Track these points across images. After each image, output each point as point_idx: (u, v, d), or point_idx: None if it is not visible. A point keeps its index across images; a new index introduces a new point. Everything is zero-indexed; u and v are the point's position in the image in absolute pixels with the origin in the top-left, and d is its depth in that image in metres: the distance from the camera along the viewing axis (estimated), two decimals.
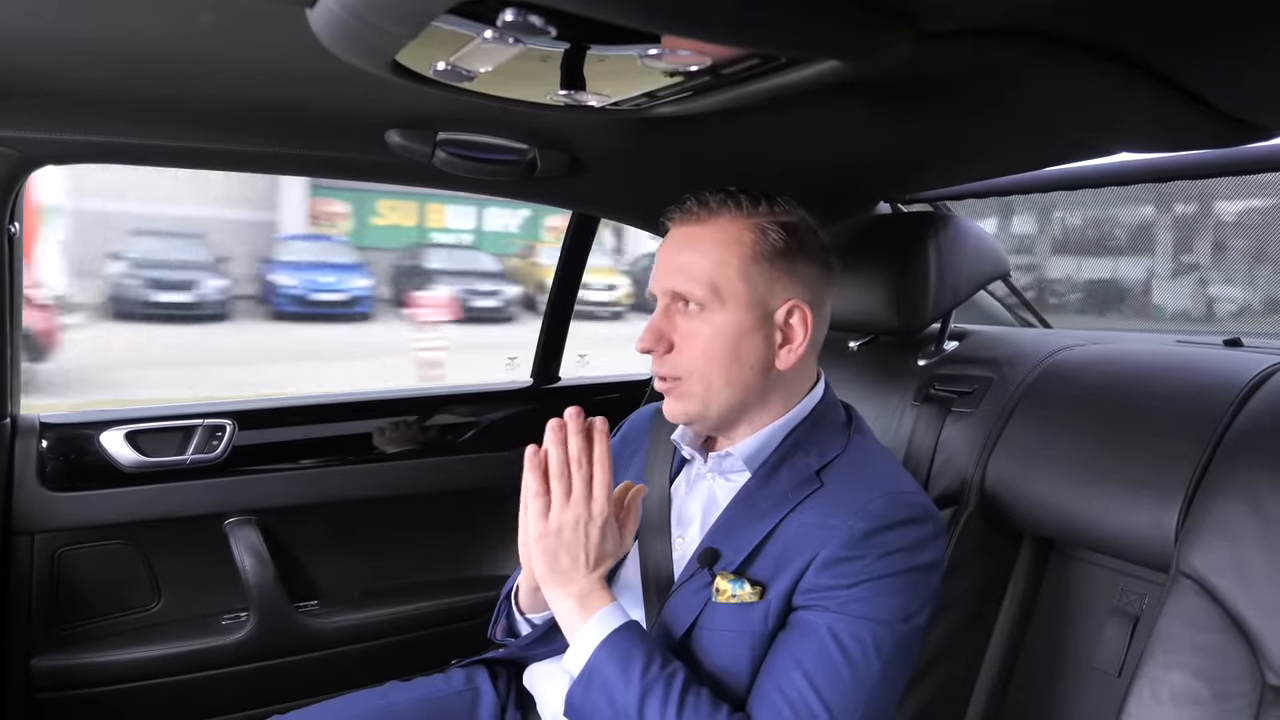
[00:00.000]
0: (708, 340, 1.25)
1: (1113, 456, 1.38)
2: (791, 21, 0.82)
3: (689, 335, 1.26)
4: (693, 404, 1.27)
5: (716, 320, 1.24)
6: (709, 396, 1.26)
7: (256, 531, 2.07)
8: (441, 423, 2.33)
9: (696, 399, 1.27)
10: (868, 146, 1.59)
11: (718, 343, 1.24)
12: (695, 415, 1.28)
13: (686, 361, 1.26)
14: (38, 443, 1.87)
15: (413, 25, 0.84)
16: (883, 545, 1.15)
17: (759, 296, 1.25)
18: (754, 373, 1.27)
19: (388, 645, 2.18)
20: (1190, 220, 4.04)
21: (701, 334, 1.25)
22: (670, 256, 1.29)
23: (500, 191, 1.95)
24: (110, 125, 1.52)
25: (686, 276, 1.25)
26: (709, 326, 1.24)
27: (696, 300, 1.24)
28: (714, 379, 1.25)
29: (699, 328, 1.25)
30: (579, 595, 1.18)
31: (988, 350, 1.76)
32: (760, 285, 1.25)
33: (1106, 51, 0.97)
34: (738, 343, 1.25)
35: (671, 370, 1.27)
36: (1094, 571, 1.47)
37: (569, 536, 1.18)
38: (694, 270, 1.25)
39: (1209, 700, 1.09)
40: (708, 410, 1.27)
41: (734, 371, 1.25)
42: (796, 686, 1.09)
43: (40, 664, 1.88)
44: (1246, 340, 1.57)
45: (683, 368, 1.26)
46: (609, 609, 1.17)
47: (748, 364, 1.26)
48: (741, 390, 1.27)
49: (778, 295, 1.26)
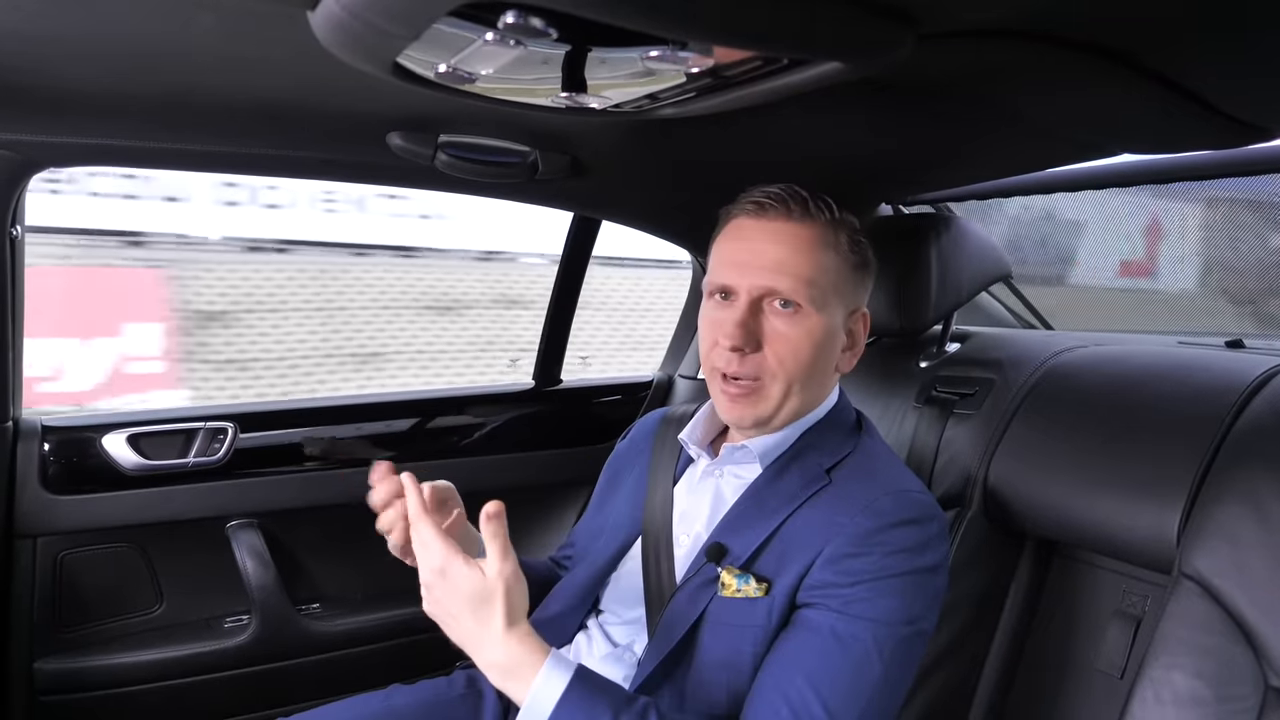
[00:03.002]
0: (798, 342, 1.22)
1: (1115, 458, 1.38)
2: (792, 23, 0.82)
3: (779, 337, 1.23)
4: (766, 406, 1.25)
5: (810, 323, 1.22)
6: (785, 399, 1.25)
7: (258, 534, 2.07)
8: (443, 425, 2.33)
9: (772, 402, 1.25)
10: (869, 148, 1.59)
11: (807, 346, 1.23)
12: (764, 418, 1.26)
13: (773, 363, 1.23)
14: (40, 446, 1.87)
15: (414, 27, 0.83)
16: (888, 544, 1.14)
17: (845, 302, 1.27)
18: (827, 377, 1.28)
19: (390, 648, 2.18)
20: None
21: (792, 336, 1.22)
22: (761, 250, 1.24)
23: (502, 194, 1.95)
24: (112, 127, 1.52)
25: (787, 274, 1.21)
26: (799, 328, 1.22)
27: (795, 300, 1.21)
28: (795, 382, 1.24)
29: (789, 330, 1.22)
30: (506, 660, 1.06)
31: (990, 352, 1.75)
32: (847, 292, 1.26)
33: (1107, 53, 0.97)
34: (824, 348, 1.24)
35: (753, 371, 1.23)
36: (1096, 573, 1.47)
37: (442, 595, 1.08)
38: (794, 269, 1.22)
39: (1211, 702, 1.09)
40: (778, 413, 1.26)
41: (815, 376, 1.25)
42: (796, 686, 1.08)
43: (43, 667, 1.88)
44: (1248, 342, 1.57)
45: (766, 369, 1.23)
46: (550, 663, 1.06)
47: (827, 369, 1.27)
48: (813, 394, 1.27)
49: (855, 302, 1.28)
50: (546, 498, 2.44)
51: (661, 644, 1.21)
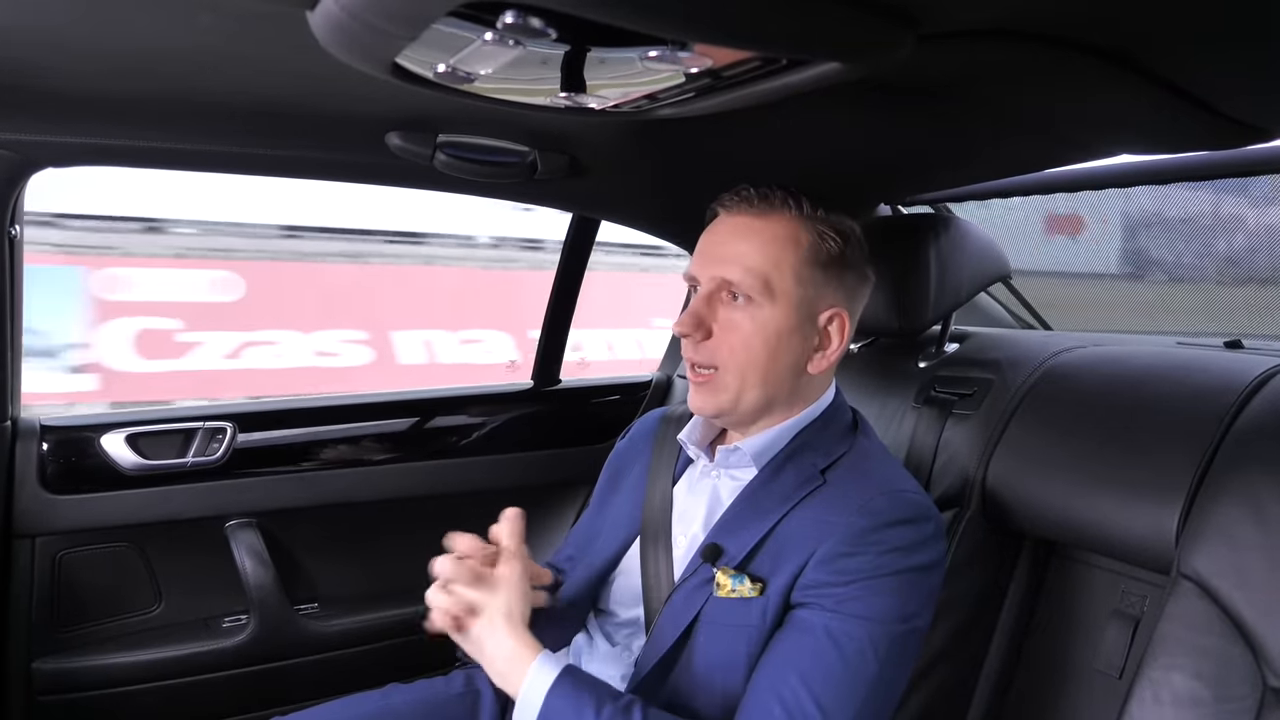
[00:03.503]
0: (749, 334, 1.24)
1: (1113, 458, 1.38)
2: (791, 23, 0.82)
3: (731, 326, 1.25)
4: (725, 397, 1.27)
5: (762, 315, 1.24)
6: (742, 391, 1.26)
7: (257, 534, 2.07)
8: (442, 425, 2.33)
9: (729, 392, 1.26)
10: (868, 148, 1.59)
11: (759, 338, 1.24)
12: (725, 409, 1.28)
13: (725, 353, 1.25)
14: (39, 445, 1.87)
15: (413, 27, 0.83)
16: (882, 543, 1.15)
17: (806, 299, 1.26)
18: (788, 373, 1.27)
19: (388, 648, 2.18)
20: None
21: (744, 327, 1.24)
22: (721, 243, 1.27)
23: (501, 194, 1.95)
24: (110, 127, 1.52)
25: (739, 266, 1.24)
26: (752, 321, 1.24)
27: (745, 292, 1.23)
28: (749, 374, 1.25)
29: (742, 320, 1.24)
30: (504, 656, 1.13)
31: (988, 352, 1.75)
32: (810, 288, 1.26)
33: (1106, 54, 0.97)
34: (778, 341, 1.25)
35: (707, 359, 1.26)
36: (1095, 573, 1.47)
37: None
38: (747, 261, 1.24)
39: (1210, 702, 1.08)
40: (737, 405, 1.27)
41: (769, 369, 1.26)
42: (791, 686, 1.09)
43: (42, 667, 1.88)
44: (1247, 342, 1.57)
45: (719, 358, 1.26)
46: (540, 660, 1.12)
47: (784, 363, 1.26)
48: (773, 389, 1.27)
49: (824, 300, 1.28)
50: (546, 497, 2.44)
51: (658, 644, 1.22)
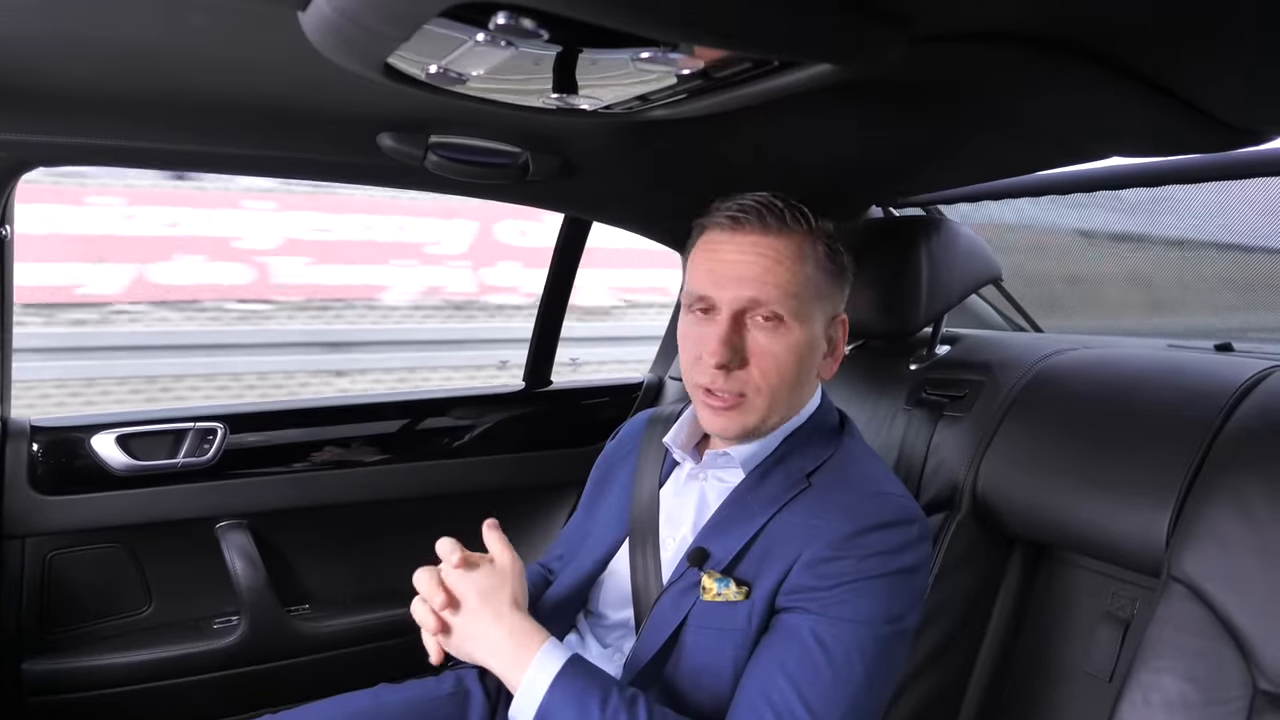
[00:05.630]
0: (782, 357, 1.22)
1: (1104, 461, 1.38)
2: (783, 24, 0.82)
3: (763, 352, 1.22)
4: (752, 418, 1.25)
5: (794, 336, 1.22)
6: (771, 412, 1.25)
7: (248, 535, 2.06)
8: (433, 427, 2.33)
9: (758, 414, 1.24)
10: (860, 150, 1.59)
11: (792, 359, 1.22)
12: (751, 429, 1.26)
13: (758, 378, 1.22)
14: (28, 446, 1.86)
15: (405, 28, 0.83)
16: (866, 547, 1.15)
17: (824, 311, 1.27)
18: (809, 385, 1.28)
19: (379, 649, 2.18)
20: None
21: (776, 350, 1.22)
22: (739, 262, 1.22)
23: (493, 195, 1.95)
24: (100, 127, 1.51)
25: (768, 287, 1.20)
26: (783, 342, 1.22)
27: (777, 312, 1.21)
28: (781, 395, 1.24)
29: (773, 344, 1.22)
30: (508, 644, 1.13)
31: (979, 354, 1.76)
32: (826, 300, 1.26)
33: (1098, 56, 0.98)
34: (807, 359, 1.25)
35: (739, 387, 1.23)
36: (1085, 576, 1.47)
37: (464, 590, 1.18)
38: (774, 281, 1.21)
39: (1200, 705, 1.09)
40: (764, 424, 1.26)
41: (799, 386, 1.26)
42: (779, 689, 1.09)
43: (31, 668, 1.87)
44: (1237, 345, 1.57)
45: (752, 384, 1.23)
46: (546, 648, 1.12)
47: (810, 378, 1.27)
48: (798, 403, 1.28)
49: (834, 309, 1.29)
50: (536, 499, 2.44)
51: (646, 647, 1.22)
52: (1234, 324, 2.13)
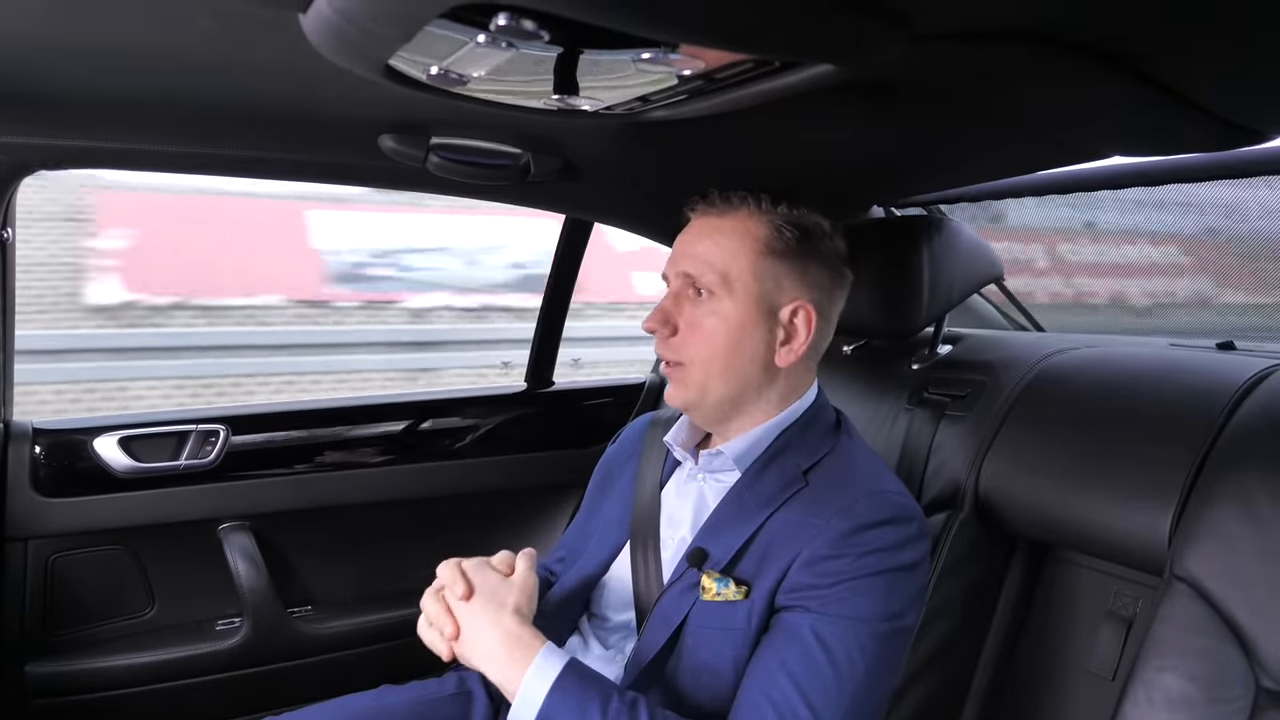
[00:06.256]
0: (711, 328, 1.27)
1: (1106, 460, 1.38)
2: (784, 25, 0.82)
3: (694, 322, 1.29)
4: (691, 391, 1.30)
5: (723, 309, 1.27)
6: (707, 384, 1.29)
7: (250, 537, 2.07)
8: (435, 428, 2.33)
9: (695, 386, 1.29)
10: (861, 150, 1.59)
11: (721, 331, 1.27)
12: (693, 402, 1.31)
13: (690, 348, 1.28)
14: (31, 448, 1.86)
15: (406, 30, 0.83)
16: (863, 544, 1.15)
17: (766, 291, 1.28)
18: (752, 366, 1.29)
19: (382, 650, 2.18)
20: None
21: (706, 322, 1.28)
22: (686, 243, 1.33)
23: (493, 196, 1.95)
24: (102, 130, 1.51)
25: (699, 261, 1.28)
26: (714, 315, 1.27)
27: (706, 286, 1.27)
28: (713, 366, 1.28)
29: (704, 315, 1.28)
30: (505, 649, 1.13)
31: (981, 354, 1.76)
32: (768, 281, 1.28)
33: (1100, 55, 0.97)
34: (740, 334, 1.27)
35: (674, 354, 1.30)
36: (1088, 575, 1.47)
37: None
38: (707, 257, 1.28)
39: (1203, 704, 1.09)
40: (704, 398, 1.30)
41: (733, 362, 1.28)
42: (780, 688, 1.09)
43: (35, 670, 1.87)
44: (1239, 344, 1.57)
45: (685, 354, 1.29)
46: (544, 653, 1.12)
47: (747, 356, 1.28)
48: (738, 382, 1.29)
49: (785, 293, 1.29)
50: (539, 500, 2.43)
51: (647, 648, 1.22)
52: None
